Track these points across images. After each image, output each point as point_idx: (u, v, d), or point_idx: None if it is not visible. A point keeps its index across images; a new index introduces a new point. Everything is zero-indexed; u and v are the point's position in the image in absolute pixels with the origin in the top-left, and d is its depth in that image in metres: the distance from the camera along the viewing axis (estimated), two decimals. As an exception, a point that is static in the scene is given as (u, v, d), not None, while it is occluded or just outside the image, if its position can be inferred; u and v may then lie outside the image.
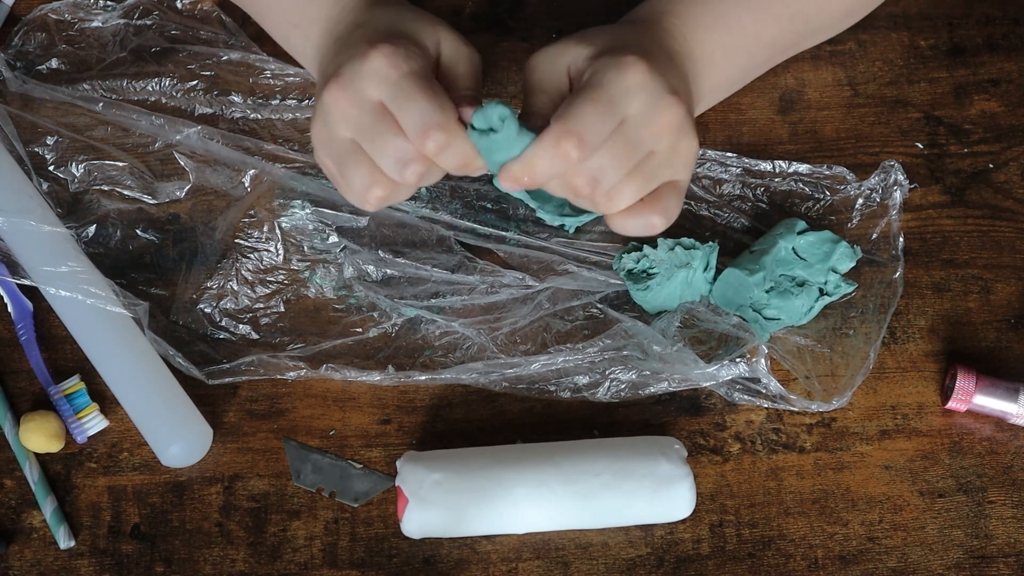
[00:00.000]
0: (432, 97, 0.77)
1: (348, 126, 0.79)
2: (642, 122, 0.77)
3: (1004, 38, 1.03)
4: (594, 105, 0.75)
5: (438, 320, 0.93)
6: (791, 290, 0.91)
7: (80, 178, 0.97)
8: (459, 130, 0.76)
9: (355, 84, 0.78)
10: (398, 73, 0.77)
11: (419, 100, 0.77)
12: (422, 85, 0.77)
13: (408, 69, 0.78)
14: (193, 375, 0.91)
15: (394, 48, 0.78)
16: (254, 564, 0.88)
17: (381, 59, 0.78)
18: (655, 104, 0.77)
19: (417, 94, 0.77)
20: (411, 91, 0.77)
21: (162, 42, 1.02)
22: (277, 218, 0.96)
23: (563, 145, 0.75)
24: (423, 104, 0.77)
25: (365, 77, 0.78)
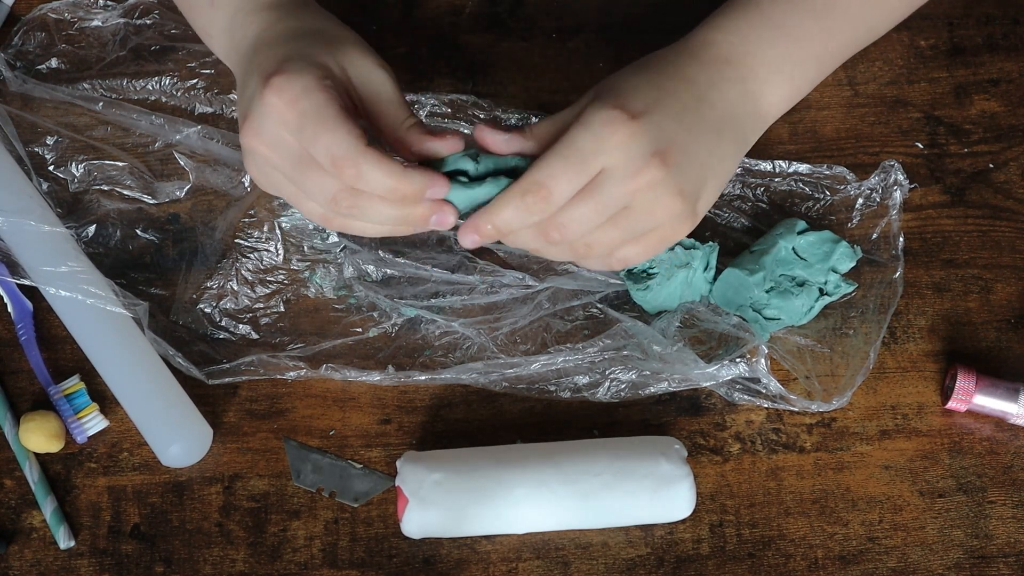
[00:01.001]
0: (335, 129, 0.75)
1: (276, 166, 0.78)
2: (618, 178, 0.76)
3: (1004, 38, 1.03)
4: (565, 160, 0.75)
5: (438, 320, 0.93)
6: (791, 290, 0.92)
7: (80, 178, 0.97)
8: (371, 157, 0.74)
9: (264, 127, 0.76)
10: (297, 109, 0.75)
11: (322, 135, 0.75)
12: (324, 116, 0.75)
13: (308, 103, 0.75)
14: (193, 375, 0.91)
15: (286, 82, 0.75)
16: (254, 564, 0.88)
17: (276, 97, 0.75)
18: (630, 164, 0.76)
19: (319, 128, 0.75)
20: (314, 126, 0.75)
21: (162, 41, 1.02)
22: (277, 218, 0.96)
23: (529, 198, 0.75)
24: (327, 138, 0.75)
25: (268, 118, 0.76)
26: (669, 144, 0.77)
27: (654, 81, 0.80)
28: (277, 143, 0.76)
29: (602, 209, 0.77)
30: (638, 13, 1.03)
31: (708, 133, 0.80)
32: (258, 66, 0.79)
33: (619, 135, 0.75)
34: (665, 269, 0.92)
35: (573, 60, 1.02)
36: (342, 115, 0.75)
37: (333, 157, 0.74)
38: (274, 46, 0.80)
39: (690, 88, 0.81)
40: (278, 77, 0.76)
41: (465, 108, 0.99)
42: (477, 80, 1.01)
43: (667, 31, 1.02)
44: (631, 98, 0.77)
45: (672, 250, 0.92)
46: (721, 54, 0.84)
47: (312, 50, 0.79)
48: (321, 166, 0.76)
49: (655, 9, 1.03)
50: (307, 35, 0.80)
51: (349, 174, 0.75)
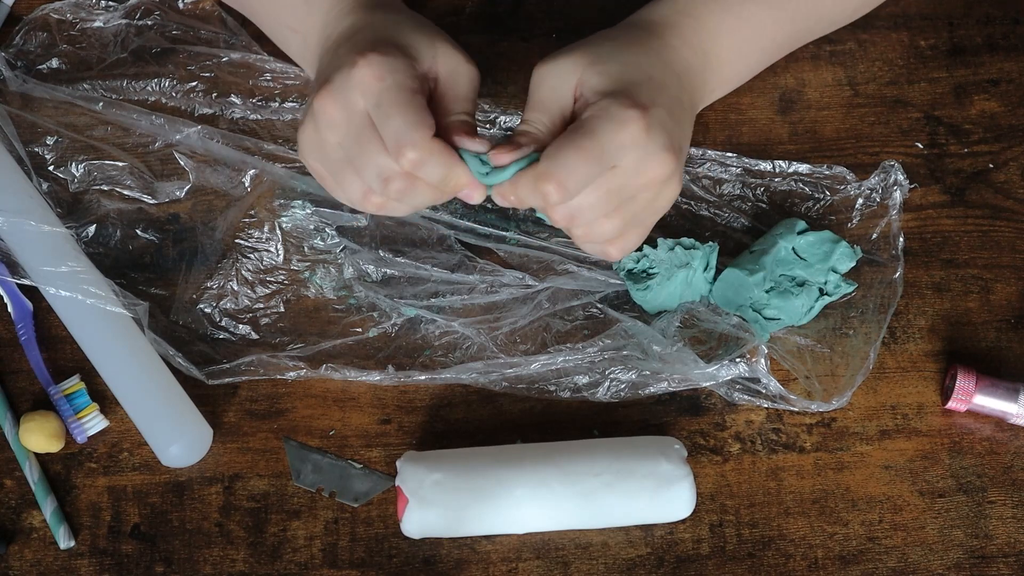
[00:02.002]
0: (410, 113, 0.77)
1: (337, 134, 0.79)
2: (631, 174, 0.78)
3: (1004, 38, 1.03)
4: (585, 155, 0.77)
5: (438, 320, 0.93)
6: (791, 290, 0.91)
7: (80, 178, 0.98)
8: (435, 149, 0.77)
9: (343, 93, 0.78)
10: (381, 85, 0.78)
11: (396, 116, 0.77)
12: (403, 99, 0.77)
13: (392, 82, 0.78)
14: (193, 375, 0.91)
15: (381, 59, 0.78)
16: (254, 564, 0.88)
17: (367, 69, 0.78)
18: (646, 160, 0.78)
19: (396, 109, 0.77)
20: (391, 105, 0.77)
21: (163, 42, 1.02)
22: (277, 218, 0.96)
23: (543, 186, 0.77)
24: (399, 120, 0.77)
25: (352, 87, 0.78)
26: (673, 137, 0.79)
27: (647, 71, 0.82)
28: (350, 109, 0.78)
29: (612, 200, 0.79)
30: (638, 13, 1.03)
31: (686, 120, 0.84)
32: (355, 45, 0.81)
33: (635, 132, 0.77)
34: (665, 269, 0.92)
35: (573, 60, 1.02)
36: (419, 102, 0.78)
37: (398, 139, 0.77)
38: (372, 29, 0.83)
39: (676, 78, 0.84)
40: (373, 53, 0.78)
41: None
42: (477, 80, 1.01)
43: (667, 31, 1.02)
44: (638, 92, 0.79)
45: (672, 250, 0.92)
46: (685, 37, 0.86)
47: (410, 37, 0.81)
48: (382, 145, 0.78)
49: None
50: (404, 23, 0.83)
51: (410, 157, 0.77)
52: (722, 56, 0.89)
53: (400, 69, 0.78)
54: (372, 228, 0.96)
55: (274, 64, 1.00)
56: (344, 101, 0.78)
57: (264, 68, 1.01)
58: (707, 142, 0.99)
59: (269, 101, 1.00)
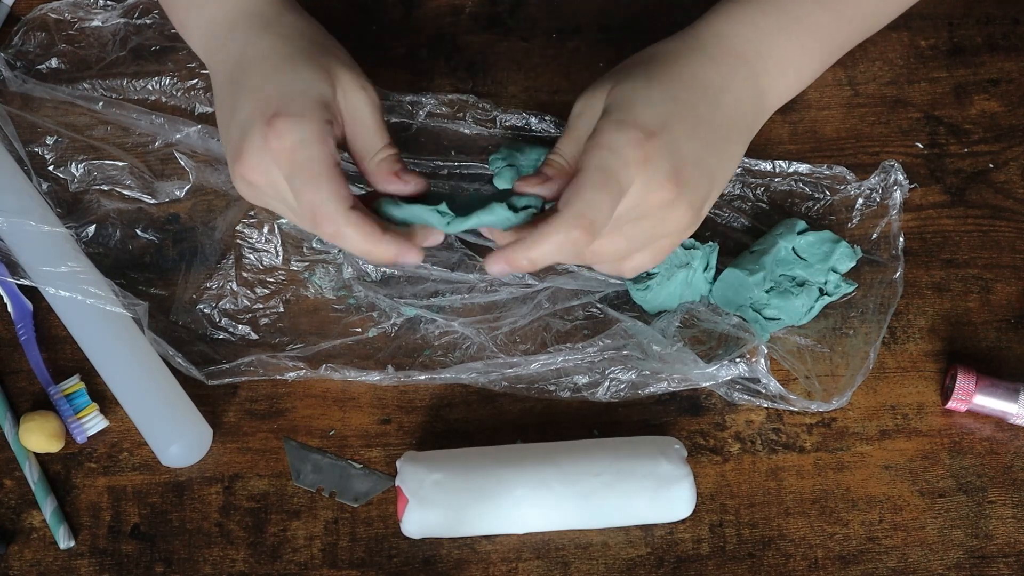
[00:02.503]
0: (323, 188, 0.76)
1: (267, 195, 0.80)
2: (633, 197, 0.77)
3: (1004, 38, 1.03)
4: (604, 191, 0.75)
5: (438, 319, 0.93)
6: (791, 290, 0.91)
7: (80, 178, 0.97)
8: (352, 222, 0.76)
9: (261, 164, 0.78)
10: (292, 158, 0.77)
11: (310, 190, 0.76)
12: (316, 172, 0.76)
13: (304, 156, 0.77)
14: (193, 375, 0.91)
15: (288, 127, 0.76)
16: (254, 564, 0.88)
17: (276, 142, 0.77)
18: (647, 185, 0.76)
19: (310, 183, 0.76)
20: (304, 180, 0.76)
21: (162, 41, 1.02)
22: (277, 219, 0.96)
23: (574, 233, 0.74)
24: (313, 196, 0.76)
25: (265, 159, 0.77)
26: (683, 162, 0.77)
27: (668, 91, 0.79)
28: (269, 177, 0.78)
29: (623, 232, 0.78)
30: (638, 13, 1.03)
31: (719, 141, 0.81)
32: (253, 93, 0.79)
33: (637, 157, 0.76)
34: (665, 269, 0.92)
35: (573, 60, 1.02)
36: (333, 173, 0.77)
37: (314, 214, 0.76)
38: (269, 68, 0.81)
39: (704, 96, 0.81)
40: (280, 120, 0.77)
41: (465, 107, 0.99)
42: (477, 80, 1.01)
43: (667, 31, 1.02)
44: (647, 116, 0.77)
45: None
46: (734, 48, 0.83)
47: (310, 79, 0.79)
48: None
49: (655, 9, 1.03)
50: (302, 55, 0.81)
51: (327, 232, 0.77)
52: (788, 58, 0.86)
53: (310, 138, 0.77)
54: (372, 228, 0.96)
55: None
56: (262, 171, 0.78)
57: (264, 67, 1.01)
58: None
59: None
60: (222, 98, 0.83)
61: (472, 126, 0.99)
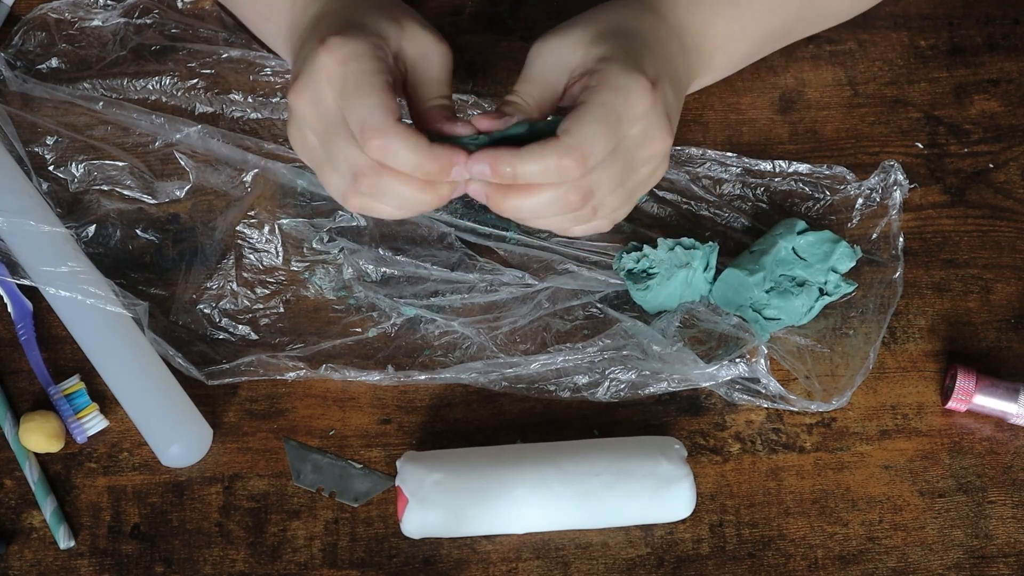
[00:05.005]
0: (373, 97, 0.74)
1: (314, 130, 0.78)
2: (637, 144, 0.77)
3: (1004, 38, 1.03)
4: (604, 127, 0.75)
5: (438, 319, 0.93)
6: (791, 290, 0.91)
7: (80, 178, 0.97)
8: (400, 133, 0.74)
9: (311, 87, 0.76)
10: (344, 70, 0.75)
11: (360, 101, 0.75)
12: (366, 83, 0.75)
13: (356, 67, 0.75)
14: (193, 375, 0.91)
15: (342, 42, 0.76)
16: (254, 564, 0.88)
17: (327, 56, 0.76)
18: (653, 132, 0.78)
19: (359, 94, 0.75)
20: (354, 91, 0.75)
21: (162, 40, 1.02)
22: (277, 219, 0.96)
23: (565, 160, 0.74)
24: (363, 106, 0.74)
25: (318, 78, 0.76)
26: (671, 113, 0.79)
27: (650, 43, 0.81)
28: (318, 102, 0.76)
29: (623, 173, 0.78)
30: (638, 13, 1.03)
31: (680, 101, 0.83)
32: (318, 31, 0.79)
33: (645, 102, 0.77)
34: (665, 269, 0.92)
35: (573, 60, 1.02)
36: (384, 86, 0.75)
37: (363, 125, 0.74)
38: (336, 15, 0.80)
39: (678, 54, 0.83)
40: (334, 37, 0.76)
41: (465, 108, 0.99)
42: (477, 80, 1.01)
43: (667, 31, 1.02)
44: (649, 66, 0.78)
45: (672, 250, 0.92)
46: (682, 21, 0.85)
47: (374, 19, 0.79)
48: (350, 136, 0.75)
49: (655, 9, 1.03)
50: (372, 6, 0.81)
51: (375, 144, 0.74)
52: (716, 41, 0.88)
53: (363, 52, 0.76)
54: (371, 227, 0.96)
55: (274, 61, 1.00)
56: (312, 95, 0.76)
57: (264, 64, 1.01)
58: (707, 142, 0.99)
59: (270, 97, 1.00)
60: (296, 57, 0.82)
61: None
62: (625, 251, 0.93)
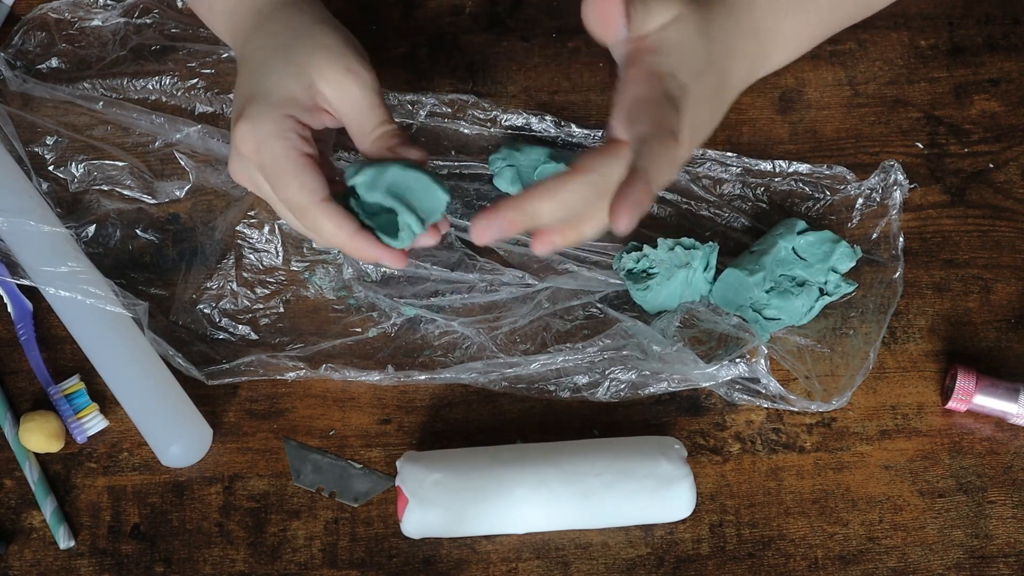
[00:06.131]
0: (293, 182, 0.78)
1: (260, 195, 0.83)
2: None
3: (1004, 38, 1.03)
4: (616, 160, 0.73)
5: (438, 319, 0.93)
6: (791, 290, 0.91)
7: (80, 178, 0.97)
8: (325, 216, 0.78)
9: (239, 170, 0.82)
10: (259, 159, 0.79)
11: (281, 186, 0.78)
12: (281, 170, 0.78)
13: (269, 154, 0.78)
14: (193, 375, 0.91)
15: (250, 130, 0.78)
16: (254, 564, 0.88)
17: (242, 145, 0.79)
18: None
19: (279, 180, 0.78)
20: (274, 177, 0.79)
21: (162, 40, 1.02)
22: (277, 220, 0.96)
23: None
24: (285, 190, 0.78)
25: (242, 164, 0.81)
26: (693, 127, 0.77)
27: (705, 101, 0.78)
28: (250, 178, 0.82)
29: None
30: (638, 13, 1.03)
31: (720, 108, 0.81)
32: (235, 96, 0.82)
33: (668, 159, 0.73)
34: (665, 269, 0.92)
35: (573, 60, 1.02)
36: (300, 165, 0.78)
37: (291, 207, 0.79)
38: (248, 71, 0.82)
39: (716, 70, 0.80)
40: (242, 124, 0.79)
41: (465, 107, 0.99)
42: (477, 80, 1.01)
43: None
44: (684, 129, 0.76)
45: (672, 250, 0.92)
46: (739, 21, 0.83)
47: (279, 78, 0.80)
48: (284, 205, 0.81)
49: (655, 9, 1.03)
50: (280, 52, 0.82)
51: (307, 223, 0.80)
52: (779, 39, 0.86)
53: (272, 134, 0.78)
54: (372, 228, 0.96)
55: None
56: (243, 175, 0.82)
57: (264, 67, 1.01)
58: (707, 142, 0.99)
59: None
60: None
61: (472, 126, 0.99)
62: (625, 251, 0.93)
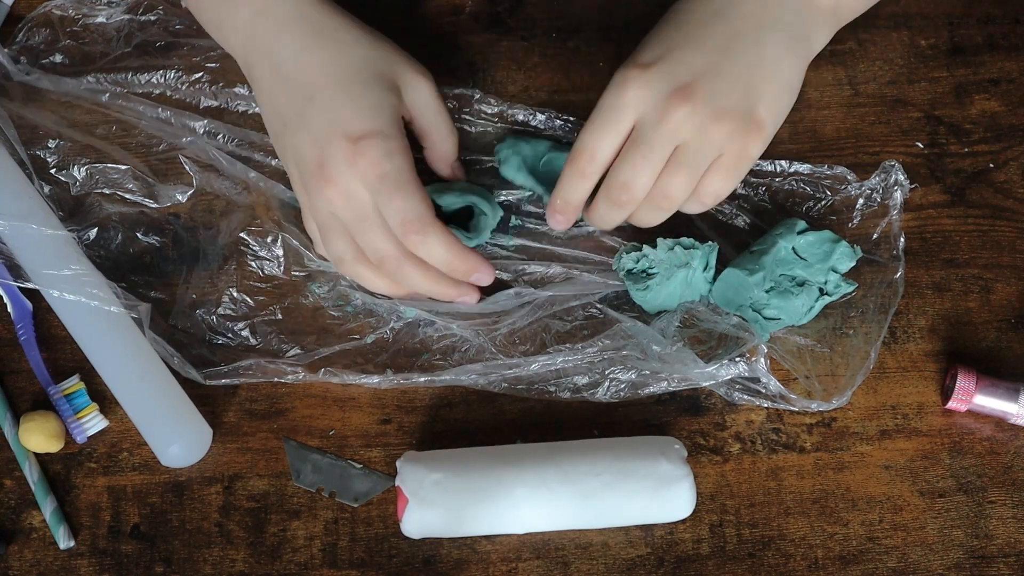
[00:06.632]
0: (412, 197, 0.82)
1: (335, 211, 0.84)
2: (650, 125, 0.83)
3: (1004, 38, 1.02)
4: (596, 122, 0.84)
5: (437, 322, 0.93)
6: (791, 290, 0.91)
7: (82, 181, 0.97)
8: (439, 232, 0.83)
9: (343, 183, 0.82)
10: (379, 172, 0.81)
11: (398, 200, 0.82)
12: (403, 183, 0.82)
13: (391, 167, 0.82)
14: (192, 377, 0.90)
15: (375, 146, 0.82)
16: (254, 564, 0.88)
17: (362, 159, 0.81)
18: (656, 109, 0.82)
19: (397, 194, 0.82)
20: (393, 190, 0.82)
21: (166, 37, 1.02)
22: (279, 229, 0.95)
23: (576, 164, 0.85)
24: (401, 204, 0.82)
25: (352, 177, 0.82)
26: (693, 77, 0.83)
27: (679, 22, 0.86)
28: (351, 196, 0.83)
29: (650, 156, 0.83)
30: (638, 13, 1.03)
31: (740, 46, 0.84)
32: (326, 112, 0.84)
33: (634, 87, 0.82)
34: (664, 269, 0.92)
35: (573, 60, 1.02)
36: (417, 181, 0.83)
37: (404, 220, 0.82)
38: (336, 85, 0.85)
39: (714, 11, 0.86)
40: (367, 140, 0.82)
41: (471, 103, 0.99)
42: (477, 80, 1.01)
43: (667, 31, 1.01)
44: (645, 51, 0.84)
45: (671, 250, 0.92)
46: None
47: (381, 93, 0.85)
48: (382, 225, 0.83)
49: (655, 9, 1.03)
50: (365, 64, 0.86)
51: (414, 239, 0.82)
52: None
53: (395, 151, 0.82)
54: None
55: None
56: (345, 189, 0.83)
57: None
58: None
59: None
60: (278, 106, 0.87)
61: (478, 121, 0.99)
62: (625, 251, 0.93)
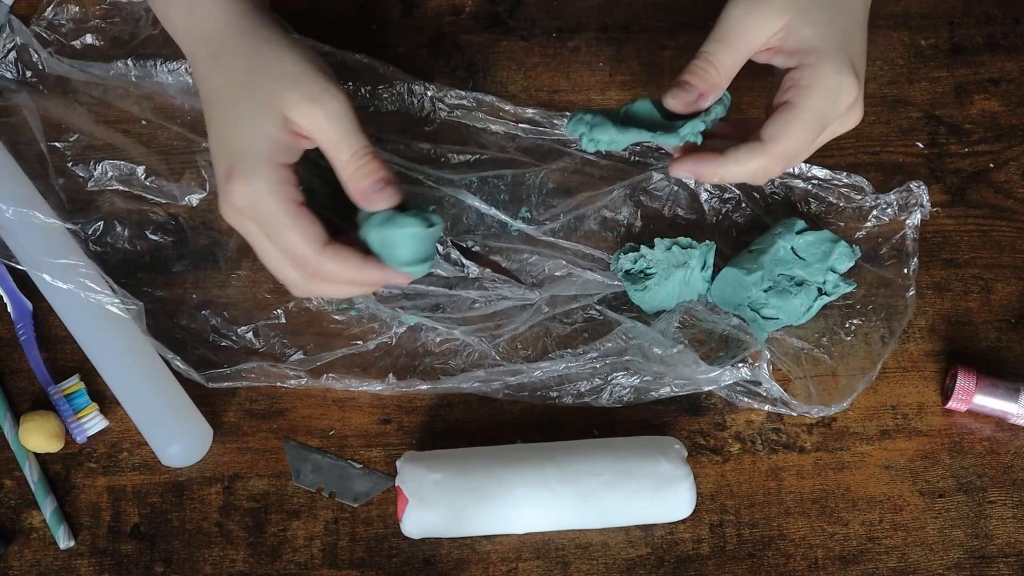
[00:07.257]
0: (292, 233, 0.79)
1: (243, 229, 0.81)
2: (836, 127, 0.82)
3: (1004, 38, 1.02)
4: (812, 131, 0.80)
5: (438, 327, 0.93)
6: (789, 289, 0.91)
7: (96, 177, 0.97)
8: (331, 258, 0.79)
9: (234, 217, 0.80)
10: (255, 215, 0.79)
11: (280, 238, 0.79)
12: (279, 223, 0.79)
13: (264, 211, 0.79)
14: (193, 378, 0.90)
15: (243, 190, 0.78)
16: (254, 564, 0.88)
17: (237, 201, 0.79)
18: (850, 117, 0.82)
19: (277, 233, 0.79)
20: (272, 230, 0.79)
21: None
22: None
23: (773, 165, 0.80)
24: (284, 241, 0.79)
25: (234, 212, 0.80)
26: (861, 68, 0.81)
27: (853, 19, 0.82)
28: (242, 227, 0.81)
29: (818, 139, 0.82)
30: (638, 13, 1.03)
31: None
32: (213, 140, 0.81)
33: (851, 97, 0.80)
34: (662, 269, 0.92)
35: (573, 60, 1.02)
36: (295, 217, 0.79)
37: (294, 256, 0.79)
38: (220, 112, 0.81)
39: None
40: (235, 183, 0.79)
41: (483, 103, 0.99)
42: (477, 79, 1.01)
43: (667, 30, 1.02)
44: (854, 51, 0.81)
45: (669, 250, 0.92)
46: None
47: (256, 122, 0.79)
48: (281, 251, 0.80)
49: (655, 9, 1.03)
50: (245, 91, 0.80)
51: (309, 271, 0.80)
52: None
53: (263, 193, 0.79)
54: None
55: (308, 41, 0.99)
56: (238, 222, 0.81)
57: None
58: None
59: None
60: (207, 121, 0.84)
61: (494, 120, 0.98)
62: (622, 252, 0.93)
